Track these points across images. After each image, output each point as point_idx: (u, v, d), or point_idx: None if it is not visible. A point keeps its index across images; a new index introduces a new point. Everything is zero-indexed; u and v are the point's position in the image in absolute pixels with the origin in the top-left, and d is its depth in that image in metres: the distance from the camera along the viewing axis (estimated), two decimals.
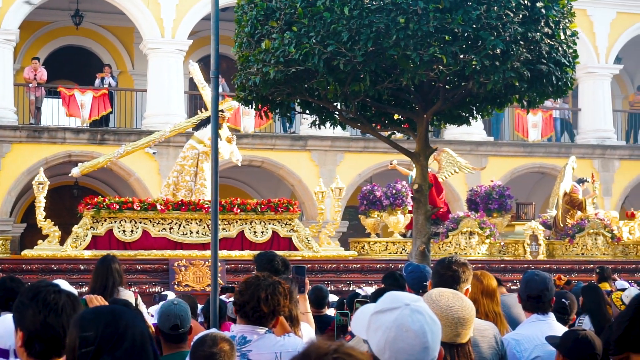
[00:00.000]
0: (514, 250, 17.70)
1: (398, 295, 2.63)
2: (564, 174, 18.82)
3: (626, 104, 29.05)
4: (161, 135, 17.05)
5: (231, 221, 15.68)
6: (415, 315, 2.54)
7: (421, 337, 2.52)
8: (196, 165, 16.08)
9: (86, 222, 15.12)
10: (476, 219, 17.14)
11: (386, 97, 10.54)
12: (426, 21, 9.17)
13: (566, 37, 10.04)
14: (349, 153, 23.41)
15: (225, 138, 16.13)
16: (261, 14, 9.89)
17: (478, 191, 18.42)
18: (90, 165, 16.73)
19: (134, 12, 22.29)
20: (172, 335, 5.35)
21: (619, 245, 18.28)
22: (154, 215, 15.31)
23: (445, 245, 16.99)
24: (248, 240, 15.67)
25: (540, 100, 10.79)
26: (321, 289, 9.06)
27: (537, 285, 5.42)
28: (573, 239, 17.92)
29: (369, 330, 2.56)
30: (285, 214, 15.88)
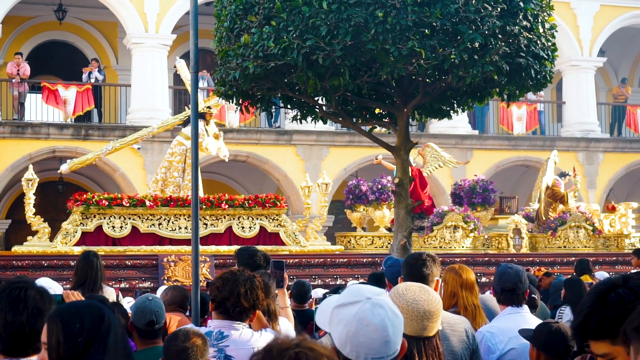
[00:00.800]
0: (497, 243, 17.80)
1: (360, 288, 2.62)
2: (547, 168, 18.94)
3: (610, 96, 29.15)
4: (149, 132, 17.07)
5: (219, 216, 15.74)
6: (376, 309, 2.53)
7: (382, 331, 2.51)
8: (184, 161, 16.07)
9: (76, 218, 15.14)
10: (460, 213, 17.24)
11: (366, 91, 10.56)
12: (405, 15, 9.19)
13: (545, 31, 10.07)
14: (334, 147, 23.42)
15: (212, 134, 16.18)
16: (240, 8, 9.89)
17: (462, 185, 18.52)
18: (79, 162, 16.74)
19: (118, 7, 22.22)
20: (147, 331, 5.35)
21: (600, 238, 18.43)
22: (143, 211, 15.36)
23: (430, 239, 17.07)
24: (236, 235, 15.72)
25: (520, 94, 10.83)
26: (303, 283, 9.07)
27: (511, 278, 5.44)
28: (555, 232, 18.04)
29: (331, 323, 2.55)
30: (272, 209, 15.95)
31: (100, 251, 14.70)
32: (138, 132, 17.41)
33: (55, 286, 9.01)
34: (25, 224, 15.45)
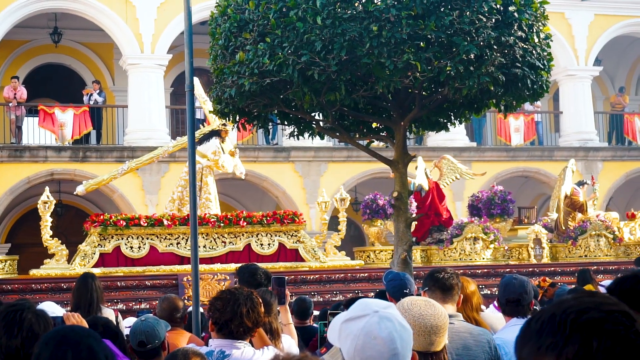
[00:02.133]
0: (518, 254, 17.82)
1: (368, 302, 2.63)
2: (564, 177, 18.93)
3: (607, 105, 29.18)
4: (164, 151, 17.11)
5: (237, 234, 15.71)
6: (383, 322, 2.52)
7: (389, 344, 2.50)
8: (200, 179, 16.09)
9: (93, 239, 15.12)
10: (480, 224, 17.24)
11: (363, 106, 10.54)
12: (399, 28, 9.18)
13: (540, 41, 10.06)
14: (332, 163, 23.41)
15: (228, 151, 16.25)
16: (234, 26, 9.88)
17: (480, 197, 18.55)
18: (94, 183, 16.79)
19: (113, 29, 22.27)
20: (140, 352, 5.33)
21: (620, 246, 18.40)
22: (160, 230, 15.30)
23: (450, 252, 17.10)
24: (255, 252, 15.71)
25: (517, 104, 10.81)
26: (304, 299, 9.04)
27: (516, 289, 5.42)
28: (576, 241, 18.04)
29: (340, 338, 2.56)
30: (291, 225, 15.95)
31: (119, 272, 14.90)
32: (154, 151, 17.44)
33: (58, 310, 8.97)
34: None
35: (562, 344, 1.51)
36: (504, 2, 9.62)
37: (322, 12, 9.24)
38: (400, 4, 9.27)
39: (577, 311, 1.55)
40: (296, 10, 9.35)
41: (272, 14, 9.50)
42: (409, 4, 9.23)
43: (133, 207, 21.30)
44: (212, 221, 15.39)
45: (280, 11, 9.51)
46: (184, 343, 6.12)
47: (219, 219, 15.51)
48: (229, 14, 10.02)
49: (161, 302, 6.89)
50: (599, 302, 1.56)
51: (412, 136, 12.29)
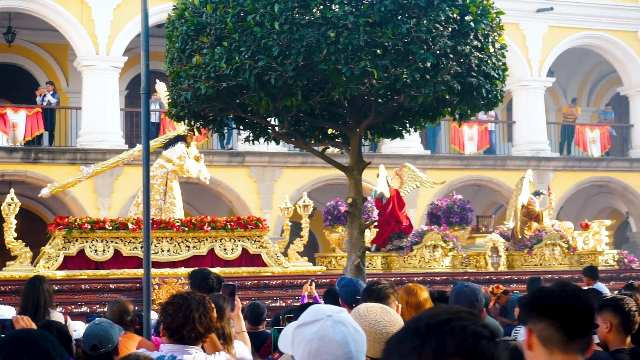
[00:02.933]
0: (475, 262, 18.06)
1: (321, 307, 2.63)
2: (522, 187, 19.21)
3: (559, 116, 29.57)
4: (130, 155, 17.06)
5: (201, 239, 15.77)
6: (337, 326, 2.53)
7: (344, 348, 2.51)
8: (165, 183, 16.16)
9: (58, 242, 15.05)
10: (439, 232, 17.49)
11: (319, 112, 10.56)
12: (356, 35, 9.21)
13: (495, 50, 10.17)
14: (287, 168, 23.39)
15: (193, 156, 16.34)
16: (191, 29, 9.85)
17: (439, 205, 18.76)
18: (59, 186, 16.75)
19: (68, 29, 22.02)
20: (93, 356, 5.27)
21: (574, 255, 18.77)
22: (125, 234, 15.30)
23: (409, 259, 17.30)
24: (218, 257, 15.76)
25: (472, 113, 10.91)
26: (258, 305, 9.04)
27: (467, 297, 5.45)
28: (531, 250, 18.38)
29: (293, 344, 2.55)
30: (254, 230, 16.05)
31: (84, 275, 14.78)
32: (120, 154, 17.40)
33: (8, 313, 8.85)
34: None
35: (421, 344, 1.71)
36: (460, 12, 9.71)
37: (279, 17, 9.24)
38: (358, 11, 9.31)
39: (428, 315, 1.76)
40: (254, 15, 9.35)
41: (230, 18, 9.48)
42: (366, 12, 9.28)
43: (85, 210, 21.07)
44: (176, 225, 15.44)
45: (238, 15, 9.49)
46: (135, 347, 6.06)
47: (184, 224, 15.59)
48: (187, 17, 9.98)
49: (111, 305, 6.82)
50: (447, 307, 1.79)
51: (367, 143, 12.34)
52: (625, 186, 26.82)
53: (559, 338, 2.74)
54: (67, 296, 14.33)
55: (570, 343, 2.74)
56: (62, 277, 14.61)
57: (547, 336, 2.74)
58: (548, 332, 2.74)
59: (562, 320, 2.72)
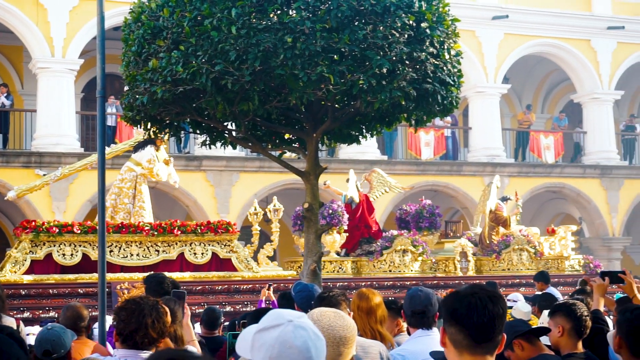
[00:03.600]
0: (444, 267, 18.29)
1: (281, 312, 2.64)
2: (489, 192, 19.59)
3: (514, 122, 29.90)
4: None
5: (171, 243, 15.73)
6: (298, 331, 2.55)
7: (305, 353, 2.53)
8: (134, 187, 16.14)
9: (25, 246, 14.91)
10: (409, 237, 17.70)
11: (275, 117, 10.58)
12: (313, 41, 9.25)
13: (451, 57, 10.27)
14: (244, 173, 23.36)
15: (162, 160, 16.35)
16: (148, 33, 9.80)
17: (408, 210, 18.92)
18: (26, 189, 16.70)
19: (23, 31, 21.79)
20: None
21: (541, 260, 19.14)
22: (93, 238, 15.06)
23: (379, 263, 17.49)
24: (188, 261, 15.77)
25: (427, 119, 10.99)
26: (214, 310, 9.04)
27: (421, 301, 5.49)
28: (499, 254, 18.71)
29: (252, 349, 2.56)
30: (224, 235, 16.06)
31: (51, 279, 14.63)
32: (87, 158, 17.39)
33: None
34: None
35: None
36: (416, 19, 9.79)
37: (237, 22, 9.25)
38: (315, 17, 9.35)
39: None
40: (211, 19, 9.34)
41: (187, 22, 9.47)
42: (323, 17, 9.32)
43: (39, 214, 20.83)
44: (146, 229, 15.40)
45: (195, 20, 9.48)
46: (88, 352, 6.02)
47: (153, 228, 15.53)
48: (143, 20, 9.93)
49: (65, 310, 6.76)
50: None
51: (324, 148, 12.38)
52: (579, 192, 27.20)
53: (467, 342, 3.05)
54: (34, 301, 14.18)
55: (477, 346, 3.06)
56: (29, 281, 14.51)
57: (457, 339, 3.07)
58: (458, 336, 3.06)
59: (470, 328, 3.04)
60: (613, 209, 27.44)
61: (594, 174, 27.34)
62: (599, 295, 6.23)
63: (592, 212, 27.33)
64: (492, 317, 3.08)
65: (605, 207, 27.39)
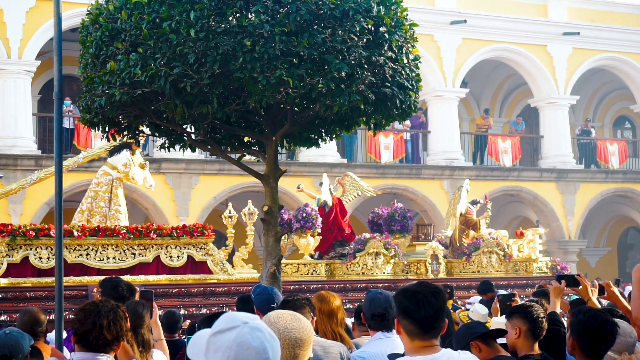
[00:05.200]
0: (416, 269, 18.48)
1: (235, 315, 2.64)
2: (460, 196, 19.89)
3: (473, 126, 30.16)
4: (74, 162, 17.14)
5: (147, 246, 15.81)
6: (255, 333, 2.56)
7: (262, 354, 2.54)
8: (110, 191, 16.25)
9: (1, 249, 14.91)
10: (381, 240, 17.88)
11: (235, 120, 10.55)
12: (272, 44, 9.27)
13: (409, 62, 10.33)
14: (203, 176, 23.29)
15: (138, 164, 16.48)
16: (106, 34, 9.74)
17: (380, 213, 19.11)
18: (2, 192, 16.91)
19: None
20: None
21: (510, 263, 19.44)
22: (70, 241, 15.18)
23: (352, 266, 17.66)
24: (164, 264, 15.85)
25: (386, 123, 11.05)
26: (174, 313, 9.01)
27: (381, 304, 5.52)
28: (470, 257, 18.98)
29: (207, 352, 2.55)
30: (200, 238, 16.18)
31: (28, 283, 14.59)
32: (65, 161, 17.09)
33: None
34: None
35: None
36: (375, 23, 9.84)
37: (195, 24, 9.23)
38: (274, 20, 9.37)
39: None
40: (169, 22, 9.31)
41: (145, 24, 9.43)
42: (282, 21, 9.34)
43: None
44: (122, 233, 15.49)
45: (154, 22, 9.44)
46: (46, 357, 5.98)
47: (129, 231, 15.61)
48: (101, 22, 9.87)
49: (22, 315, 6.69)
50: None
51: (283, 151, 12.40)
52: (536, 195, 27.52)
53: (417, 331, 3.74)
54: (11, 304, 14.15)
55: (425, 333, 3.74)
56: (5, 284, 14.54)
57: (409, 329, 3.76)
58: (410, 327, 3.75)
59: (419, 321, 3.72)
60: (569, 212, 27.80)
61: (551, 177, 27.68)
62: (555, 298, 6.32)
63: (549, 215, 27.65)
64: (436, 310, 3.73)
65: (561, 210, 27.74)
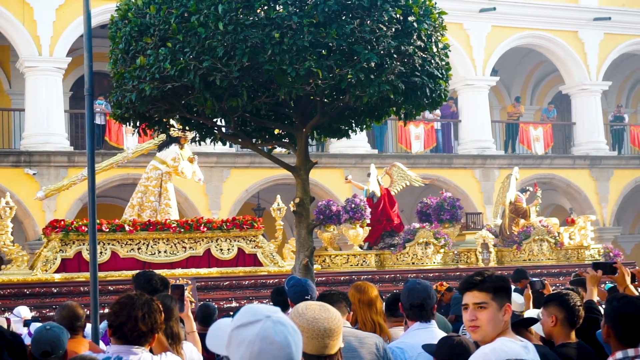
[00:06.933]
0: (466, 258, 18.52)
1: (256, 307, 2.61)
2: (509, 184, 19.83)
3: (504, 114, 29.95)
4: (124, 157, 17.49)
5: (198, 239, 16.05)
6: (278, 327, 2.53)
7: (286, 348, 2.51)
8: (160, 185, 16.45)
9: (55, 245, 15.23)
10: (431, 229, 17.93)
11: (265, 112, 10.54)
12: (301, 35, 9.24)
13: (438, 50, 10.26)
14: (235, 169, 23.34)
15: (187, 158, 16.62)
16: (135, 30, 9.77)
17: (429, 203, 19.14)
18: (54, 188, 17.15)
19: (9, 30, 21.71)
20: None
21: (561, 250, 19.41)
22: (122, 236, 15.54)
23: (402, 256, 17.75)
24: (214, 257, 16.07)
25: (416, 112, 11.00)
26: (208, 306, 9.09)
27: (419, 294, 5.50)
28: (520, 245, 18.98)
29: (230, 346, 2.53)
30: (250, 230, 16.37)
31: (81, 277, 14.84)
32: (113, 157, 17.75)
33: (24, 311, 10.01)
34: None
35: None
36: (403, 12, 9.79)
37: (224, 18, 9.23)
38: (302, 12, 9.34)
39: None
40: (198, 16, 9.32)
41: (174, 18, 9.44)
42: (310, 12, 9.31)
43: (29, 212, 20.81)
44: (173, 227, 15.72)
45: (182, 16, 9.46)
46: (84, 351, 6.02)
47: (180, 225, 15.85)
48: (130, 17, 9.90)
49: (61, 309, 6.73)
50: None
51: (313, 143, 12.38)
52: (569, 183, 27.29)
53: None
54: (65, 299, 14.28)
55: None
56: (59, 279, 14.87)
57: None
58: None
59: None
60: (603, 199, 27.54)
61: (584, 164, 27.43)
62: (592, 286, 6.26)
63: (582, 202, 27.41)
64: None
65: (595, 198, 27.49)
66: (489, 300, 3.82)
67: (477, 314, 3.84)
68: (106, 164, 17.31)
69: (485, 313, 3.82)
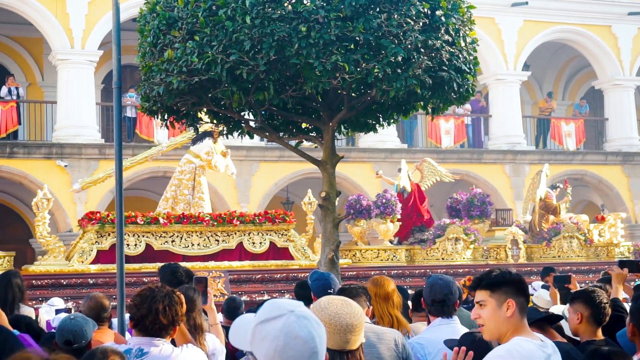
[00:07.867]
0: (496, 254, 18.58)
1: (280, 302, 2.60)
2: (539, 181, 19.86)
3: (535, 109, 29.72)
4: (159, 150, 17.78)
5: (230, 233, 16.26)
6: (302, 321, 2.52)
7: (310, 343, 2.50)
8: (193, 178, 16.69)
9: (90, 237, 15.55)
10: (461, 225, 18.01)
11: (292, 106, 10.56)
12: (328, 29, 9.24)
13: (466, 45, 10.21)
14: (264, 163, 23.38)
15: (220, 152, 16.82)
16: (163, 23, 9.83)
17: (459, 199, 19.19)
18: (90, 181, 17.44)
19: (42, 23, 21.90)
20: (67, 350, 5.26)
21: (591, 247, 19.38)
22: (156, 228, 15.80)
23: (432, 252, 17.87)
24: (247, 250, 16.28)
25: (444, 107, 10.95)
26: (234, 299, 9.12)
27: (441, 290, 5.49)
28: (550, 242, 18.98)
29: (253, 341, 2.52)
30: (281, 224, 16.57)
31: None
32: (148, 150, 18.03)
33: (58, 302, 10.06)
34: None
35: None
36: (431, 6, 9.75)
37: (251, 11, 9.25)
38: (329, 6, 9.34)
39: None
40: (225, 9, 9.35)
41: (201, 12, 9.49)
42: (337, 6, 9.30)
43: (61, 205, 21.00)
44: (206, 220, 15.93)
45: (210, 10, 9.50)
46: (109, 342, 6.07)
47: (213, 218, 16.05)
48: (158, 11, 9.96)
49: (87, 300, 6.80)
50: None
51: (340, 137, 12.37)
52: (600, 179, 27.03)
53: None
54: (101, 289, 14.50)
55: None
56: (95, 271, 15.18)
57: None
58: None
59: None
60: (635, 196, 27.25)
61: (616, 160, 27.14)
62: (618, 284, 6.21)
63: (614, 199, 27.14)
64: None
65: (627, 194, 27.20)
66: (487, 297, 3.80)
67: (479, 312, 3.84)
68: (141, 157, 17.54)
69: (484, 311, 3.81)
